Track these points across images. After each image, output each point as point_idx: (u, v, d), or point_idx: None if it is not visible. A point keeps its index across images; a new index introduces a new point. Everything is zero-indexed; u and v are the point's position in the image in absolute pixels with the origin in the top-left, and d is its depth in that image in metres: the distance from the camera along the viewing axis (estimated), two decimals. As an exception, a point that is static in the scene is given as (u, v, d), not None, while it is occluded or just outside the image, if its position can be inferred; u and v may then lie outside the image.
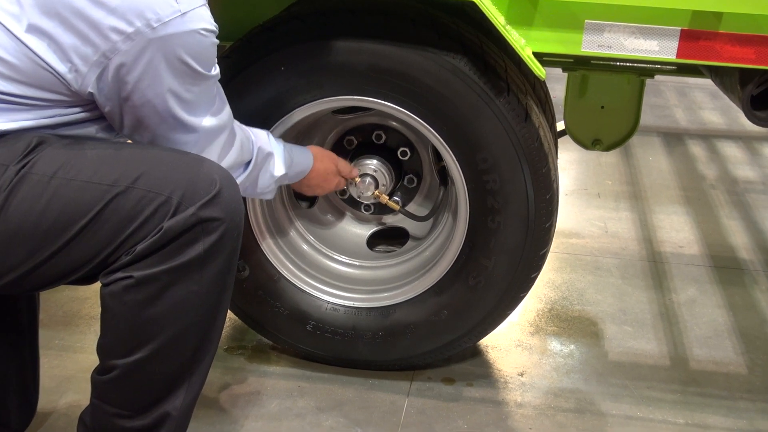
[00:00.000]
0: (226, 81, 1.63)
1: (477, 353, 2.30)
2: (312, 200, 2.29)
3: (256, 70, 1.91)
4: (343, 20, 1.86)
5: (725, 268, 2.89)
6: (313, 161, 1.93)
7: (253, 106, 1.91)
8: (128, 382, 1.37)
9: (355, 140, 2.22)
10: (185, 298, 1.33)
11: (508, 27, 1.77)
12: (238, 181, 1.61)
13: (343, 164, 2.06)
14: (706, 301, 2.67)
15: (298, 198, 2.28)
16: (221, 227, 1.33)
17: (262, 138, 1.71)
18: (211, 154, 1.48)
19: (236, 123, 1.63)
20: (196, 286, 1.33)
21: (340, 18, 1.87)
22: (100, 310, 1.36)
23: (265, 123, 1.91)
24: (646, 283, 2.76)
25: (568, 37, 1.73)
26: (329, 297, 2.17)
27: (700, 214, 3.39)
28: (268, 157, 1.69)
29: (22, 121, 1.30)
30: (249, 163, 1.64)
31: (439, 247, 2.18)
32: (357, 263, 2.27)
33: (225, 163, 1.54)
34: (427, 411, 2.06)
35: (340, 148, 2.24)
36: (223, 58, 1.87)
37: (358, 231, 2.34)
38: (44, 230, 1.27)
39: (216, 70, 1.45)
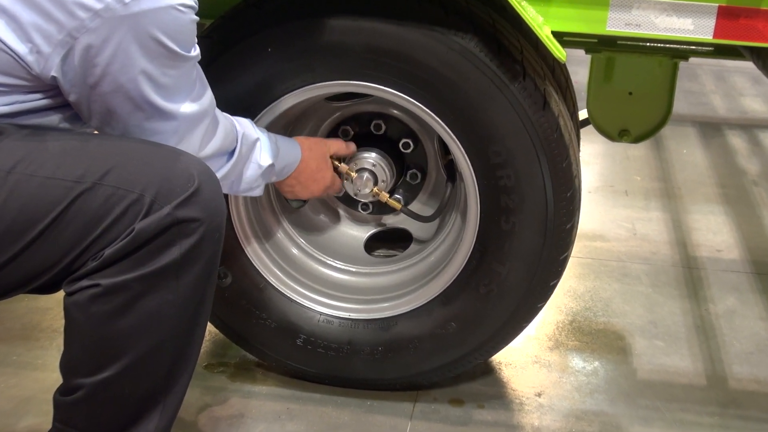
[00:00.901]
0: (206, 64, 1.60)
1: (489, 371, 2.30)
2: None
3: (239, 51, 1.90)
4: (338, -5, 1.87)
5: (769, 274, 2.90)
6: (301, 150, 1.92)
7: (236, 92, 1.90)
8: (95, 404, 1.36)
9: (352, 131, 2.22)
10: (159, 309, 1.32)
11: (524, 3, 1.76)
12: (222, 173, 1.60)
13: (335, 144, 2.03)
14: (747, 312, 2.66)
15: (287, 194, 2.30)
16: (200, 229, 1.32)
17: (246, 125, 1.70)
18: (191, 144, 1.46)
19: (218, 110, 1.63)
20: (171, 295, 1.32)
21: (334, -8, 1.87)
22: (63, 322, 1.35)
23: (249, 111, 1.91)
24: (679, 291, 2.75)
25: (591, 14, 1.72)
26: (322, 307, 2.17)
27: (741, 213, 3.38)
28: (254, 145, 1.67)
29: None
30: (233, 152, 1.62)
31: (447, 252, 2.18)
32: (353, 269, 2.27)
33: (207, 152, 1.52)
34: (433, 436, 2.07)
35: None
36: (202, 38, 1.87)
37: (355, 233, 2.34)
38: (0, 232, 1.25)
39: (196, 51, 1.44)
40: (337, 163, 2.07)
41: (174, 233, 1.30)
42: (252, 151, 1.66)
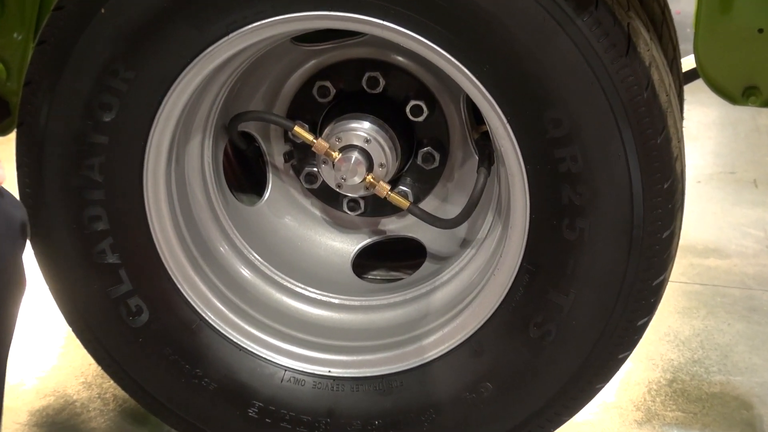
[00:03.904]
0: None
1: (544, 457, 2.30)
2: (258, 190, 2.31)
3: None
4: None
5: None
6: None
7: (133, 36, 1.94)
8: None
9: (333, 89, 2.22)
10: None
11: None
12: None
13: None
14: None
15: (234, 186, 2.28)
16: None
17: None
18: None
19: None
20: None
21: None
22: None
23: (165, 67, 1.94)
24: (837, 335, 2.77)
25: None
26: (288, 359, 2.18)
27: None
28: None
29: None
30: None
31: (478, 274, 2.19)
32: (335, 301, 2.28)
33: None
34: None
35: (306, 103, 2.24)
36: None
37: (338, 245, 2.36)
38: None
39: None
40: (297, 131, 2.11)
41: None
42: None
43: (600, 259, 1.97)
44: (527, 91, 1.90)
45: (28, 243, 1.94)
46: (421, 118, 2.23)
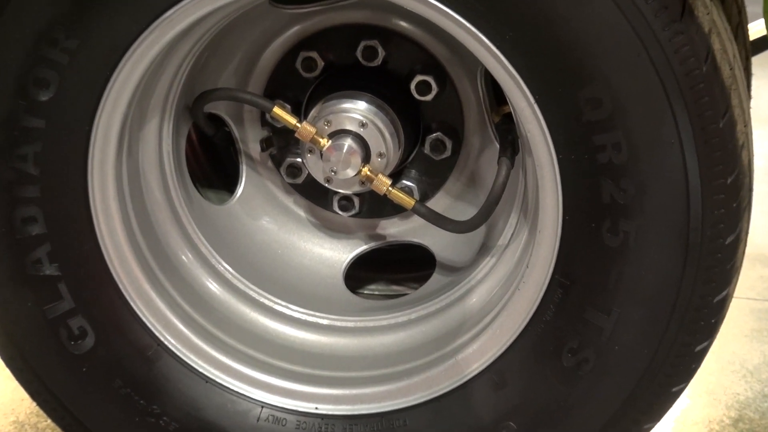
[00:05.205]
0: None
1: None
2: (229, 185, 2.32)
3: None
4: None
5: None
6: None
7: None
8: None
9: (321, 61, 2.24)
10: None
11: None
12: None
13: None
14: None
15: (200, 181, 2.30)
16: None
17: None
18: None
19: None
20: None
21: None
22: None
23: (115, 33, 1.93)
24: None
25: None
26: (265, 393, 2.19)
27: None
28: None
29: None
30: None
31: (500, 288, 2.20)
32: (324, 322, 2.30)
33: None
34: None
35: (288, 79, 2.25)
36: None
37: (327, 253, 2.39)
38: None
39: None
40: (277, 113, 2.12)
41: None
42: None
43: (649, 270, 1.97)
44: (559, 63, 1.90)
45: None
46: (429, 97, 2.23)
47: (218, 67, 2.27)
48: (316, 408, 2.18)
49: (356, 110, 2.16)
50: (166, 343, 2.18)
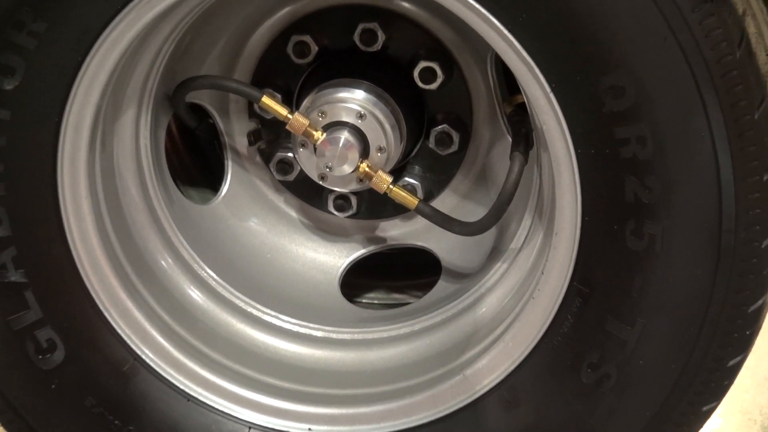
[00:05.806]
0: None
1: None
2: (213, 182, 2.33)
3: None
4: None
5: None
6: None
7: None
8: None
9: (315, 46, 2.25)
10: None
11: None
12: None
13: None
14: None
15: (181, 178, 2.32)
16: None
17: None
18: None
19: None
20: None
21: None
22: None
23: (87, 15, 1.92)
24: None
25: None
26: (253, 413, 2.20)
27: None
28: None
29: None
30: None
31: (512, 297, 2.20)
32: (318, 334, 2.31)
33: None
34: None
35: (278, 65, 2.26)
36: None
37: (321, 258, 2.40)
38: None
39: None
40: (265, 103, 2.12)
41: None
42: None
43: (677, 276, 1.97)
44: (577, 48, 1.90)
45: None
46: (434, 86, 2.23)
47: (201, 53, 2.27)
48: (309, 429, 2.18)
49: (353, 100, 2.16)
50: (143, 357, 2.18)
